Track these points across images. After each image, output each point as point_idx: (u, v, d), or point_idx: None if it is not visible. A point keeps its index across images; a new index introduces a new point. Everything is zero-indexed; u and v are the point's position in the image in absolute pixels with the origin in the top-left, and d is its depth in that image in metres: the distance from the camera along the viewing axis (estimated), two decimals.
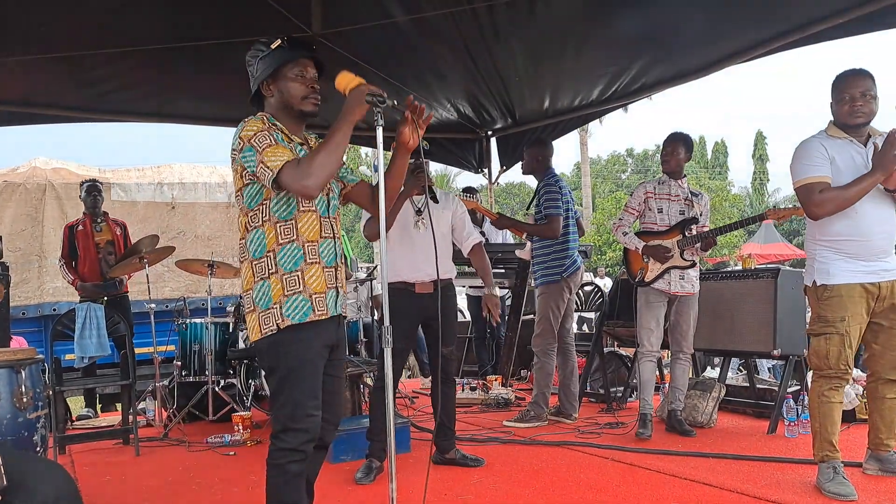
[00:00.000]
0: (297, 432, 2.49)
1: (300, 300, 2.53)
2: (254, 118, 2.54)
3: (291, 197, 2.54)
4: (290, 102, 2.61)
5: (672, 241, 4.94)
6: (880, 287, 3.57)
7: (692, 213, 5.00)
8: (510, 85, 6.82)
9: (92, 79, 6.13)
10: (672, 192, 5.02)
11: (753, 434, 4.95)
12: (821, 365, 3.61)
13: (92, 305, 5.63)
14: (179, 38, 5.50)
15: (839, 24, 5.14)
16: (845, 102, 3.57)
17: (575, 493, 3.72)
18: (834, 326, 3.54)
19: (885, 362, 3.67)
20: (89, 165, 9.42)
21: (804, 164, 3.57)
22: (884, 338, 3.65)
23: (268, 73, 2.59)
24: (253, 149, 2.45)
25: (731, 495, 3.57)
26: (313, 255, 2.57)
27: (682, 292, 4.95)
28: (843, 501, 3.37)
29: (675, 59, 6.26)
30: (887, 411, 3.72)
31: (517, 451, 4.67)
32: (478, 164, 8.41)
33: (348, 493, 3.83)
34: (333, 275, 2.64)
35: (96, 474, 4.61)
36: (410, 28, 5.60)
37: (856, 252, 3.55)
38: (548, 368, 5.43)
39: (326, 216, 2.65)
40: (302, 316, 2.52)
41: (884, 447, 3.75)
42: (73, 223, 6.60)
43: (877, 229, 3.56)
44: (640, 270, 4.98)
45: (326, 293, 2.59)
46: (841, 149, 3.57)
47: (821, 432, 3.60)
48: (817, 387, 3.64)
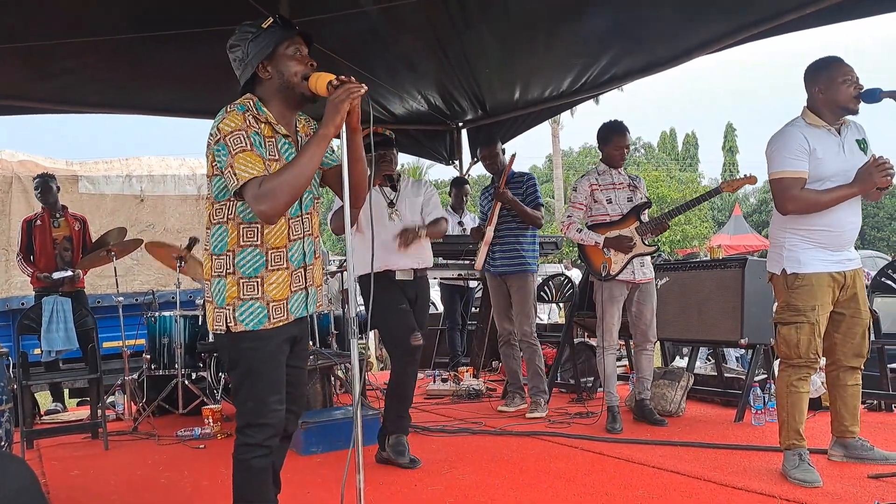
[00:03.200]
0: (261, 427, 2.50)
1: (256, 307, 2.49)
2: (236, 110, 2.45)
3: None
4: (290, 82, 2.52)
5: (631, 229, 4.95)
6: (845, 276, 3.62)
7: (638, 197, 5.03)
8: (480, 76, 6.82)
9: (58, 70, 6.01)
10: (616, 181, 5.04)
11: (721, 422, 5.01)
12: (790, 354, 3.61)
13: (59, 299, 5.56)
14: (145, 29, 5.40)
15: (809, 13, 5.18)
16: (850, 84, 3.54)
17: (544, 481, 3.75)
18: (805, 315, 3.55)
19: (847, 350, 3.72)
20: (56, 158, 9.29)
21: (784, 156, 3.54)
22: (845, 327, 3.70)
23: (267, 53, 2.50)
24: (226, 148, 2.39)
25: (698, 483, 3.61)
26: (278, 261, 2.53)
27: (644, 279, 4.98)
28: (808, 488, 3.41)
29: (645, 50, 6.29)
30: (850, 398, 3.78)
31: (487, 442, 4.69)
32: (448, 155, 8.40)
33: (319, 484, 3.83)
34: (303, 275, 2.60)
35: (64, 469, 4.58)
36: (381, 18, 5.57)
37: (828, 242, 3.57)
38: (538, 349, 5.49)
39: (298, 215, 2.58)
40: (256, 323, 2.49)
41: (849, 433, 3.81)
42: (32, 217, 6.50)
43: (848, 221, 3.61)
44: (602, 265, 4.94)
45: (290, 297, 2.56)
46: (821, 138, 3.57)
47: (788, 422, 3.62)
48: (786, 376, 3.64)
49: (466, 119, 8.13)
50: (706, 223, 33.04)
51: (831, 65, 3.60)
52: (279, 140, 2.53)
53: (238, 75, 2.57)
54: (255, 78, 2.55)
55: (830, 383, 3.84)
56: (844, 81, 3.54)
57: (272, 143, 2.50)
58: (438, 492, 3.65)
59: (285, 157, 2.51)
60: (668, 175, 38.30)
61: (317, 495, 3.63)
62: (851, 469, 3.68)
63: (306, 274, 2.62)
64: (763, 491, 3.39)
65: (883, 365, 5.13)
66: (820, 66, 3.63)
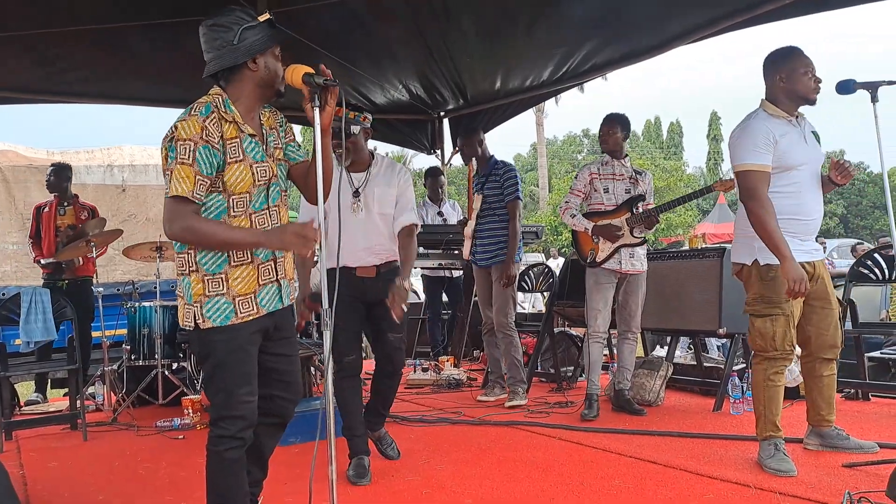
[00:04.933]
0: (234, 420, 2.51)
1: (222, 303, 2.51)
2: (199, 114, 2.44)
3: (222, 200, 2.50)
4: (271, 80, 2.55)
5: (621, 220, 4.98)
6: (814, 266, 3.65)
7: (638, 190, 5.06)
8: (462, 65, 6.82)
9: (41, 59, 5.99)
10: (616, 172, 5.07)
11: (700, 412, 5.04)
12: (766, 346, 3.60)
13: (38, 290, 5.53)
14: (126, 18, 5.37)
15: (790, 3, 5.19)
16: (809, 77, 3.57)
17: (521, 471, 3.77)
18: (780, 307, 3.54)
19: (821, 342, 3.74)
20: (37, 147, 9.22)
21: (749, 150, 3.53)
22: (816, 319, 3.71)
23: (267, 46, 2.51)
24: (173, 152, 2.41)
25: (674, 472, 3.64)
26: (241, 257, 2.54)
27: (632, 270, 5.00)
28: (783, 477, 3.44)
29: (626, 39, 6.31)
30: (826, 388, 3.81)
31: (466, 432, 4.71)
32: (430, 145, 8.39)
33: (297, 476, 3.82)
34: (272, 268, 2.61)
35: (42, 460, 4.56)
36: (361, 8, 5.56)
37: (798, 231, 3.59)
38: (516, 340, 5.50)
39: (265, 208, 2.59)
40: (223, 319, 2.50)
41: (825, 423, 3.84)
42: (42, 204, 6.56)
43: (813, 209, 3.65)
44: (590, 251, 5.01)
45: (259, 290, 2.57)
46: (783, 129, 3.58)
47: (765, 414, 3.63)
48: (762, 370, 3.63)
49: (448, 108, 8.12)
50: (690, 212, 33.15)
51: (793, 55, 3.60)
52: (245, 139, 2.53)
53: (212, 56, 2.52)
54: (238, 67, 2.52)
55: (806, 373, 3.87)
56: (806, 73, 3.57)
57: (236, 144, 2.50)
58: (414, 482, 3.66)
59: (251, 156, 2.53)
60: (653, 164, 38.35)
61: (294, 486, 3.63)
62: (827, 458, 3.71)
63: (276, 266, 2.62)
64: (738, 480, 3.42)
65: (860, 354, 5.17)
66: (782, 56, 3.63)
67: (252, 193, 2.54)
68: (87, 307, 6.11)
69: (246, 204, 2.54)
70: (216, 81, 2.57)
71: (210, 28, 2.50)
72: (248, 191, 2.53)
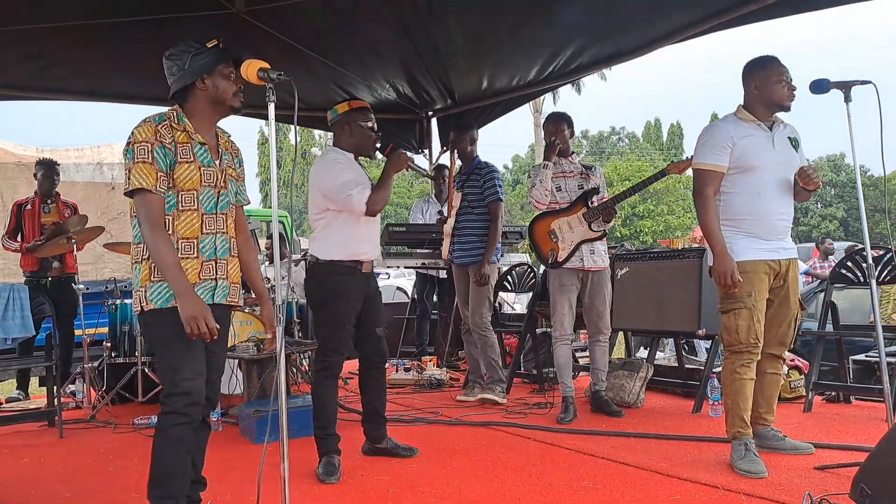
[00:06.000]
0: (179, 396, 2.70)
1: (163, 288, 2.73)
2: (151, 122, 2.75)
3: (172, 195, 2.76)
4: (222, 98, 2.86)
5: (578, 216, 4.95)
6: (780, 264, 3.72)
7: (590, 185, 5.04)
8: (448, 65, 6.80)
9: (22, 56, 5.95)
10: (567, 170, 5.05)
11: (678, 413, 5.02)
12: (731, 341, 3.67)
13: (15, 286, 5.50)
14: (107, 15, 5.34)
15: (775, 2, 5.15)
16: (783, 84, 3.66)
17: (490, 471, 3.76)
18: (742, 301, 3.62)
19: (770, 337, 3.77)
20: (27, 145, 9.20)
21: (707, 150, 3.71)
22: (771, 313, 3.77)
23: (210, 69, 2.82)
24: (131, 154, 2.70)
25: (644, 473, 3.63)
26: (188, 251, 2.78)
27: (594, 267, 4.96)
28: (754, 478, 3.44)
29: (612, 39, 6.28)
30: (767, 385, 3.86)
31: (442, 432, 4.70)
32: (418, 144, 8.36)
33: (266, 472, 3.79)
34: (214, 267, 2.85)
35: (15, 456, 4.54)
36: (345, 5, 5.53)
37: (758, 231, 3.67)
38: (494, 343, 5.50)
39: (213, 212, 2.85)
40: (164, 302, 2.72)
41: (762, 422, 3.87)
42: (23, 201, 6.47)
43: (776, 211, 3.71)
44: (550, 252, 4.96)
45: (198, 284, 2.78)
46: (748, 131, 3.68)
47: (733, 409, 3.67)
48: (729, 364, 3.70)
49: (436, 108, 8.09)
50: (690, 213, 33.17)
51: (767, 64, 3.71)
52: (195, 145, 2.82)
53: (171, 82, 2.86)
54: (190, 87, 2.84)
55: None
56: (779, 81, 3.66)
57: (187, 148, 2.79)
58: (383, 481, 3.64)
59: (200, 160, 2.82)
60: (653, 165, 38.32)
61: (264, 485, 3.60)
62: (798, 460, 3.70)
63: (217, 267, 2.86)
64: (708, 482, 3.41)
65: (841, 356, 5.16)
66: (756, 65, 3.74)
67: (199, 192, 2.80)
68: (70, 305, 6.09)
69: (195, 201, 2.79)
70: (178, 102, 2.88)
71: (167, 58, 2.86)
72: (196, 188, 2.79)
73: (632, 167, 37.80)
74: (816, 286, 8.82)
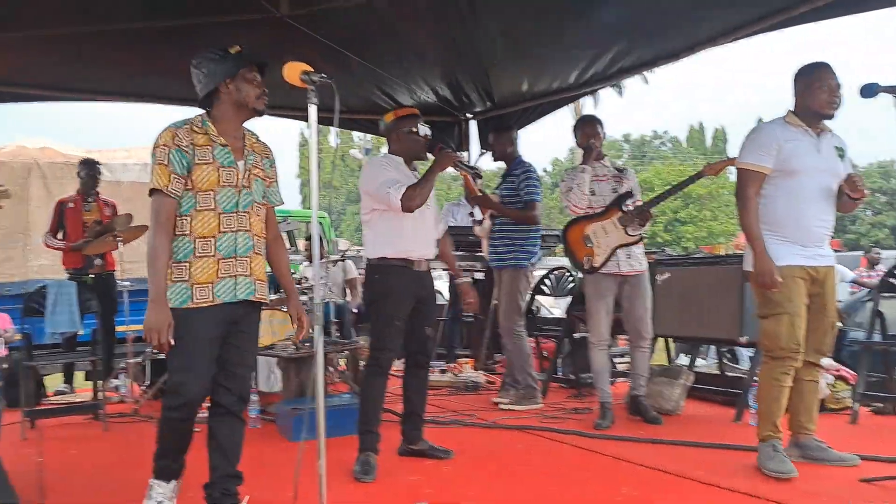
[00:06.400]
0: (172, 395, 2.96)
1: (181, 288, 2.88)
2: (171, 127, 2.93)
3: (190, 196, 2.91)
4: (244, 101, 2.99)
5: (613, 220, 4.89)
6: (818, 271, 3.67)
7: (624, 188, 4.97)
8: (489, 67, 6.78)
9: (68, 58, 6.07)
10: (599, 173, 4.98)
11: (719, 422, 4.95)
12: (772, 346, 3.64)
13: (63, 282, 5.66)
14: (152, 18, 5.43)
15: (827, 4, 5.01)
16: (824, 91, 3.62)
17: (526, 476, 3.75)
18: (783, 307, 3.58)
19: (808, 345, 3.70)
20: (76, 145, 9.42)
21: (751, 149, 3.70)
22: (808, 320, 3.69)
23: (233, 73, 2.96)
24: (153, 157, 2.89)
25: (682, 481, 3.58)
26: (205, 249, 2.91)
27: (631, 271, 4.89)
28: (784, 478, 3.45)
29: (655, 40, 6.18)
30: (807, 394, 3.79)
31: (478, 435, 4.70)
32: (457, 147, 8.35)
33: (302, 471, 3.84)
34: (234, 265, 2.95)
35: (63, 448, 4.65)
36: (386, 8, 5.54)
37: (796, 238, 3.64)
38: (525, 349, 5.45)
39: (234, 211, 2.96)
40: (180, 302, 2.87)
41: (804, 431, 3.81)
42: (65, 199, 6.62)
43: (815, 218, 3.67)
44: (586, 257, 4.90)
45: (217, 282, 2.91)
46: (796, 135, 3.65)
47: (767, 414, 3.66)
48: (768, 369, 3.68)
49: (475, 111, 8.07)
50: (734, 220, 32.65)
51: (812, 70, 3.68)
52: (215, 147, 2.95)
53: (198, 88, 3.03)
54: (215, 92, 2.99)
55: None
56: (820, 87, 3.63)
57: (207, 150, 2.93)
58: (418, 481, 3.65)
59: (219, 161, 2.94)
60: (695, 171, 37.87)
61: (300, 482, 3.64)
62: (842, 472, 3.62)
63: (237, 264, 2.96)
64: (748, 491, 3.35)
65: (889, 367, 5.06)
66: (803, 70, 3.72)
67: (217, 192, 2.92)
68: (111, 301, 6.21)
69: (212, 202, 2.92)
70: (206, 107, 3.04)
71: (194, 66, 3.02)
72: (213, 189, 2.91)
73: (674, 172, 37.36)
74: (864, 295, 8.63)
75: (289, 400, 5.10)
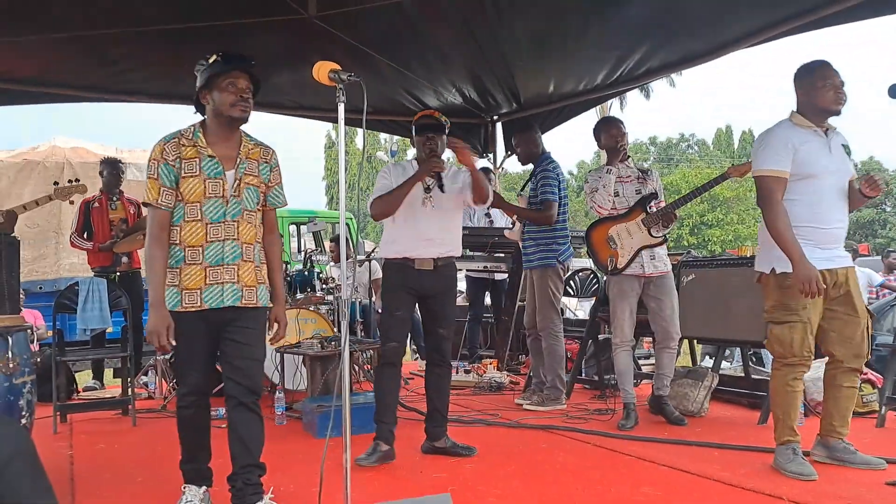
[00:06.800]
0: (181, 387, 3.27)
1: (173, 292, 3.04)
2: (161, 141, 3.03)
3: (180, 206, 3.03)
4: (220, 109, 3.02)
5: (637, 221, 4.89)
6: (836, 273, 3.65)
7: (648, 189, 4.97)
8: (515, 69, 6.81)
9: (104, 59, 6.19)
10: (623, 174, 4.98)
11: (743, 424, 4.93)
12: (785, 353, 3.66)
13: (94, 280, 5.74)
14: (182, 20, 5.51)
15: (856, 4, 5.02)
16: (829, 88, 3.62)
17: (549, 474, 3.77)
18: (798, 314, 3.58)
19: (846, 351, 3.70)
20: (107, 145, 9.56)
21: (767, 155, 3.64)
22: (839, 325, 3.70)
23: (202, 84, 3.02)
24: (148, 171, 3.03)
25: (706, 482, 3.59)
26: (194, 258, 3.04)
27: (655, 273, 4.88)
28: (805, 480, 3.47)
29: (681, 42, 6.21)
30: (843, 399, 3.77)
31: (502, 434, 4.72)
32: (483, 148, 8.40)
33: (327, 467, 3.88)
34: (221, 272, 3.05)
35: (91, 442, 4.77)
36: (413, 10, 5.58)
37: (816, 238, 3.62)
38: (559, 350, 5.45)
39: (222, 221, 3.05)
40: (172, 305, 3.04)
41: (835, 434, 3.79)
42: (90, 199, 6.67)
43: (835, 218, 3.67)
44: (609, 258, 4.90)
45: (204, 289, 3.04)
46: (807, 137, 3.64)
47: (783, 419, 3.69)
48: (781, 376, 3.70)
49: (501, 112, 8.11)
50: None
51: (815, 69, 3.68)
52: (203, 159, 3.03)
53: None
54: (198, 102, 3.09)
55: (827, 382, 3.83)
56: (824, 86, 3.62)
57: (194, 163, 3.02)
58: (441, 479, 3.69)
59: (205, 172, 3.02)
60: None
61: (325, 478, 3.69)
62: (867, 475, 3.59)
63: (224, 272, 3.06)
64: (771, 492, 3.35)
65: None
66: (803, 70, 3.72)
67: (203, 203, 3.01)
68: (138, 298, 6.30)
69: (199, 213, 3.02)
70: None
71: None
72: (199, 200, 3.01)
73: (701, 175, 37.04)
74: (893, 299, 8.55)
75: (314, 397, 5.16)
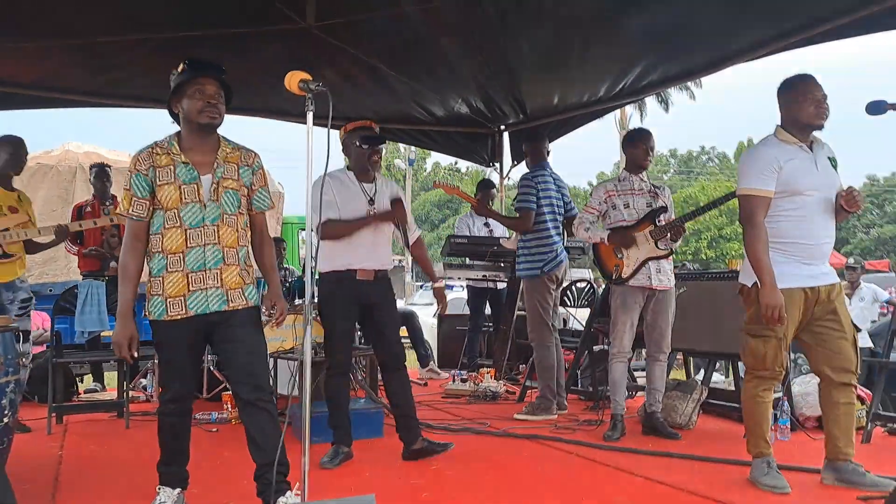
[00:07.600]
0: (164, 391, 3.22)
1: (157, 301, 3.06)
2: (137, 153, 3.07)
3: (159, 214, 3.05)
4: (189, 116, 3.05)
5: (645, 233, 4.89)
6: (819, 291, 3.61)
7: (658, 204, 4.96)
8: (521, 80, 6.84)
9: (107, 66, 6.26)
10: (636, 187, 4.98)
11: (730, 437, 4.88)
12: (756, 365, 3.68)
13: (93, 283, 5.81)
14: (185, 28, 5.57)
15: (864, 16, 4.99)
16: (811, 103, 3.58)
17: (527, 483, 3.79)
18: (773, 330, 3.56)
19: (834, 365, 3.64)
20: (120, 150, 9.67)
21: (753, 174, 3.60)
22: (826, 341, 3.65)
23: (171, 92, 3.07)
24: (126, 182, 3.07)
25: (683, 494, 3.58)
26: (175, 264, 3.04)
27: (660, 286, 4.88)
28: (779, 493, 3.48)
29: (684, 56, 6.22)
30: (842, 417, 3.68)
31: (488, 442, 4.74)
32: (490, 158, 8.44)
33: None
34: (204, 278, 3.05)
35: (83, 443, 4.83)
36: (416, 20, 5.60)
37: (802, 254, 3.60)
38: (548, 361, 5.46)
39: (201, 226, 3.05)
40: (158, 315, 3.06)
41: (842, 456, 3.68)
42: (83, 204, 6.70)
43: (822, 234, 3.64)
44: (614, 267, 4.90)
45: (188, 295, 3.04)
46: (793, 154, 3.61)
47: (755, 430, 3.71)
48: (752, 387, 3.72)
49: (508, 122, 8.14)
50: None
51: (796, 83, 3.65)
52: (177, 166, 3.05)
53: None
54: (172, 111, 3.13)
55: (823, 402, 3.75)
56: (806, 100, 3.58)
57: (169, 170, 3.04)
58: (418, 484, 3.72)
59: (180, 178, 3.03)
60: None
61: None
62: (841, 492, 3.56)
63: (206, 277, 3.06)
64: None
65: None
66: (787, 85, 3.68)
67: (181, 209, 3.02)
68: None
69: (177, 219, 3.03)
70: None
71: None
72: (176, 207, 3.01)
73: (721, 188, 36.77)
74: None
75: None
